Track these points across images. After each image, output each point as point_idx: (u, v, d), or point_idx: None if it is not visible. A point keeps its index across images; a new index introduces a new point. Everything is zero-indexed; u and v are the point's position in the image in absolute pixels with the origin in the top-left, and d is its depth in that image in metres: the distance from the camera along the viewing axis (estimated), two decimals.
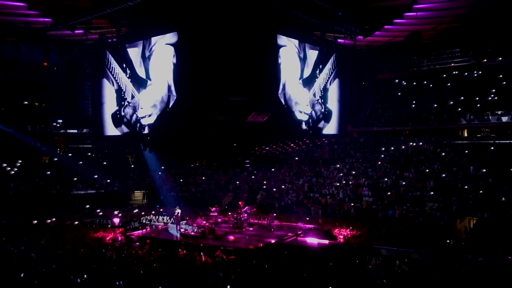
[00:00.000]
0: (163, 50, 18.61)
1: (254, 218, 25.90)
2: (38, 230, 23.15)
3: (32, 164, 36.26)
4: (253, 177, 36.05)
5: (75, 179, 35.65)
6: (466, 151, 31.54)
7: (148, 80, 19.61)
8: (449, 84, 36.21)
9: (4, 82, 38.13)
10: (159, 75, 19.04)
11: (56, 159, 38.02)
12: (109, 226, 25.52)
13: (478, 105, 33.51)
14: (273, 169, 33.64)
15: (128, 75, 20.20)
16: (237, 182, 36.17)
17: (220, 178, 36.63)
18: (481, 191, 26.19)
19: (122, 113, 20.69)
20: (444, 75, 36.04)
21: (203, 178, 37.51)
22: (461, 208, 25.70)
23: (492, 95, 33.33)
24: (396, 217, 26.08)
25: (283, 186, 33.69)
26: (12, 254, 16.66)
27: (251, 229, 24.45)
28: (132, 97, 20.17)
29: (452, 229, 24.53)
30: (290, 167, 36.11)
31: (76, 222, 26.35)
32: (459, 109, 34.37)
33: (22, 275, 13.01)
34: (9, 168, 33.92)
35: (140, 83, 19.88)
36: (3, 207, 29.00)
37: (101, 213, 29.96)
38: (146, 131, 19.86)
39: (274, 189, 33.61)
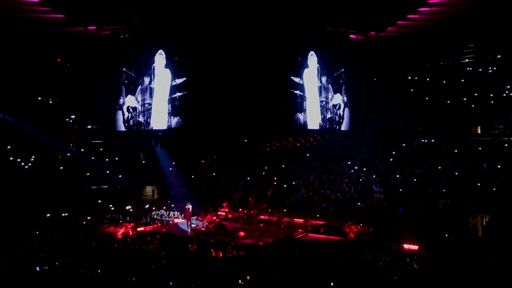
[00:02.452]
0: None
1: (264, 214, 25.92)
2: (51, 224, 23.43)
3: (46, 159, 36.67)
4: (263, 173, 36.05)
5: (88, 174, 35.99)
6: (480, 148, 31.15)
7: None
8: (463, 80, 35.75)
9: (19, 78, 38.64)
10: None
11: (69, 154, 38.40)
12: (120, 221, 25.72)
13: (492, 102, 33.05)
14: (283, 166, 33.61)
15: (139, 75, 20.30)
16: (248, 178, 36.19)
17: (231, 174, 36.68)
18: (494, 189, 25.87)
19: (132, 111, 20.85)
20: (458, 71, 35.57)
21: (214, 174, 37.59)
22: (474, 205, 25.43)
23: (507, 91, 32.84)
24: (407, 214, 25.90)
25: (293, 183, 33.63)
26: (26, 248, 16.90)
27: (261, 225, 24.48)
28: (144, 97, 20.29)
29: (464, 226, 24.30)
30: (301, 163, 36.03)
31: (88, 217, 26.61)
32: (473, 105, 33.94)
33: (37, 269, 13.20)
34: (23, 163, 34.36)
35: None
36: (17, 201, 29.43)
37: (112, 208, 30.22)
38: (155, 128, 19.92)
39: (285, 186, 33.58)
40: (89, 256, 16.02)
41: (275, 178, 34.90)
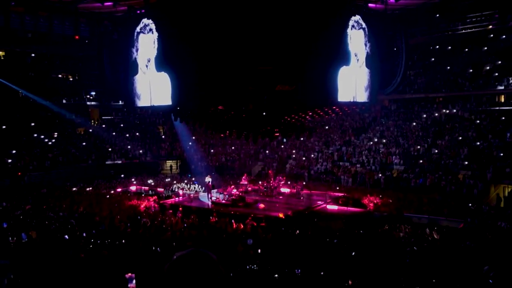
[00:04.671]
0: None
1: (284, 186, 26.14)
2: (76, 198, 24.15)
3: (68, 136, 37.48)
4: (282, 146, 36.16)
5: (110, 149, 36.70)
6: (503, 118, 30.51)
7: None
8: (485, 48, 34.72)
9: (39, 56, 39.20)
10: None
11: (90, 130, 39.12)
12: (143, 194, 26.32)
13: None
14: (302, 138, 33.58)
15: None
16: (267, 152, 36.39)
17: (250, 147, 36.91)
18: None
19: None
20: (481, 39, 34.51)
21: (233, 147, 37.88)
22: (496, 176, 25.13)
23: None
24: (427, 186, 25.79)
25: (312, 155, 33.68)
26: (54, 220, 17.52)
27: (281, 197, 24.74)
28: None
29: (486, 197, 24.11)
30: (320, 136, 35.97)
31: (112, 191, 27.28)
32: (496, 74, 33.05)
33: (66, 237, 13.72)
34: (46, 140, 35.19)
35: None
36: (42, 177, 30.36)
37: (135, 182, 30.87)
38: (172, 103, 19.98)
39: (304, 158, 33.67)
40: (114, 229, 16.54)
41: (294, 151, 35.01)
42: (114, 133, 39.14)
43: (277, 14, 15.03)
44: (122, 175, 32.99)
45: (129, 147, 37.24)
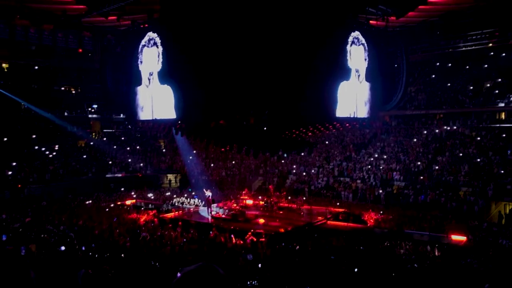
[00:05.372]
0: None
1: (284, 201, 26.07)
2: (76, 212, 24.07)
3: (69, 148, 37.51)
4: (283, 161, 36.14)
5: (110, 162, 36.70)
6: (504, 135, 30.54)
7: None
8: (486, 65, 34.95)
9: (42, 69, 39.47)
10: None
11: (91, 143, 39.17)
12: (142, 208, 26.25)
13: None
14: (303, 153, 33.60)
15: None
16: (267, 167, 36.36)
17: (251, 162, 36.90)
18: None
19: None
20: (481, 56, 34.76)
21: (234, 162, 37.87)
22: (497, 193, 25.06)
23: None
24: (428, 202, 25.70)
25: (313, 170, 33.64)
26: (53, 234, 17.43)
27: (281, 212, 24.65)
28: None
29: (487, 214, 24.01)
30: (320, 151, 35.98)
31: (112, 205, 27.20)
32: (497, 91, 33.20)
33: (63, 248, 13.65)
34: (47, 152, 35.21)
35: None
36: (42, 189, 30.30)
37: (134, 196, 30.81)
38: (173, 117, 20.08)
39: (304, 173, 33.62)
40: (113, 242, 16.46)
41: (295, 166, 34.98)
42: (115, 146, 39.18)
43: (278, 31, 15.18)
44: (122, 189, 32.93)
45: (129, 160, 37.25)
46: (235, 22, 15.93)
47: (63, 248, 13.75)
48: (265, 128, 18.51)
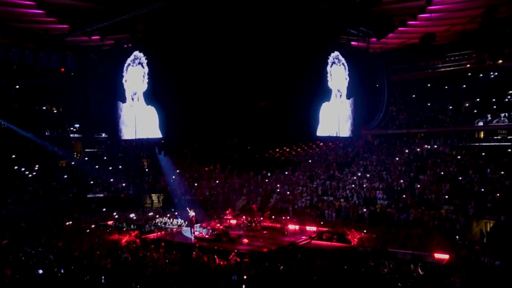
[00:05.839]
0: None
1: (268, 221, 25.95)
2: (55, 233, 23.54)
3: (50, 168, 36.89)
4: (267, 180, 36.11)
5: (91, 182, 36.16)
6: (483, 153, 31.14)
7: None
8: (464, 85, 35.83)
9: (24, 88, 39.02)
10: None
11: (73, 163, 38.62)
12: (124, 229, 25.82)
13: (495, 107, 33.07)
14: (286, 173, 33.65)
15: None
16: (251, 186, 36.26)
17: (234, 181, 36.77)
18: (498, 194, 25.82)
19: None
20: (460, 77, 35.63)
21: (217, 181, 37.69)
22: (478, 211, 25.39)
23: (509, 97, 32.88)
24: (411, 220, 25.87)
25: (297, 189, 33.66)
26: (31, 256, 16.98)
27: (265, 232, 24.50)
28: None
29: (468, 232, 24.25)
30: (304, 170, 36.08)
31: (93, 225, 26.70)
32: (475, 110, 33.98)
33: (40, 272, 13.29)
34: (27, 172, 34.55)
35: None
36: (20, 210, 29.63)
37: (116, 216, 30.33)
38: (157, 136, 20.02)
39: (288, 192, 33.61)
40: (94, 264, 16.09)
41: (278, 185, 34.95)
42: (97, 166, 38.67)
43: (260, 52, 15.37)
44: (104, 209, 32.40)
45: (111, 180, 36.77)
46: (219, 44, 16.09)
47: (40, 271, 13.38)
48: (248, 147, 18.55)
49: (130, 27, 20.32)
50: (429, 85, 37.81)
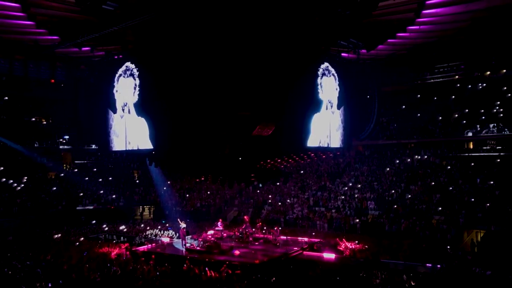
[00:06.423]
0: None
1: (259, 232, 25.81)
2: (44, 246, 23.18)
3: (39, 180, 36.44)
4: (258, 191, 36.00)
5: (81, 194, 35.77)
6: (472, 164, 31.39)
7: None
8: (453, 96, 36.23)
9: (13, 99, 38.68)
10: None
11: (62, 174, 38.21)
12: (114, 241, 25.52)
13: (483, 117, 33.46)
14: (278, 183, 33.61)
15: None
16: (242, 197, 36.13)
17: (226, 192, 36.62)
18: (488, 204, 26.00)
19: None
20: (448, 88, 36.05)
21: (208, 192, 37.50)
22: (469, 221, 25.50)
23: (497, 107, 33.31)
24: (402, 231, 25.90)
25: (288, 200, 33.60)
26: (19, 270, 16.68)
27: (256, 243, 24.36)
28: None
29: (459, 242, 24.32)
30: (295, 181, 36.05)
31: (82, 238, 26.36)
32: (464, 121, 34.33)
33: None
34: (15, 185, 34.09)
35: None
36: (8, 223, 29.17)
37: (106, 228, 29.97)
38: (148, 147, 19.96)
39: (280, 203, 33.53)
40: (83, 278, 15.84)
41: (270, 196, 34.86)
42: (86, 178, 38.29)
43: (251, 65, 15.46)
44: (94, 221, 32.02)
45: (101, 192, 36.41)
46: (209, 55, 16.15)
47: None
48: (240, 159, 18.53)
49: (121, 39, 20.32)
50: (418, 96, 38.15)
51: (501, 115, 32.64)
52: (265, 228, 26.32)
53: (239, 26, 15.73)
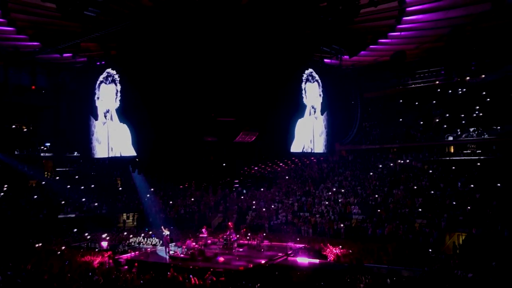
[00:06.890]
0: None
1: (244, 238, 25.75)
2: (24, 255, 22.71)
3: (19, 188, 35.75)
4: (242, 197, 35.93)
5: (63, 202, 35.18)
6: (453, 167, 31.88)
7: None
8: (434, 101, 36.81)
9: None
10: None
11: (43, 182, 37.56)
12: (96, 249, 25.16)
13: (464, 122, 34.06)
14: (262, 189, 33.59)
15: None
16: (227, 203, 36.01)
17: (210, 199, 36.45)
18: (469, 207, 26.39)
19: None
20: (429, 93, 36.62)
21: (192, 199, 37.27)
22: (450, 224, 25.84)
23: (477, 112, 33.95)
24: (386, 235, 26.11)
25: (272, 206, 33.60)
26: None
27: (241, 250, 24.27)
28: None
29: (442, 245, 24.61)
30: (280, 186, 36.09)
31: (63, 247, 25.92)
32: (445, 126, 34.88)
33: None
34: None
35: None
36: None
37: (89, 237, 29.54)
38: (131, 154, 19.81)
39: (264, 209, 33.50)
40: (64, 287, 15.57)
41: (254, 202, 34.82)
42: (68, 186, 37.70)
43: (234, 71, 15.50)
44: (75, 230, 31.51)
45: (83, 199, 35.88)
46: (194, 62, 16.14)
47: None
48: (224, 165, 18.50)
49: (103, 45, 20.18)
50: (401, 101, 38.66)
51: (481, 119, 33.26)
52: (249, 234, 26.28)
53: (222, 33, 15.78)
